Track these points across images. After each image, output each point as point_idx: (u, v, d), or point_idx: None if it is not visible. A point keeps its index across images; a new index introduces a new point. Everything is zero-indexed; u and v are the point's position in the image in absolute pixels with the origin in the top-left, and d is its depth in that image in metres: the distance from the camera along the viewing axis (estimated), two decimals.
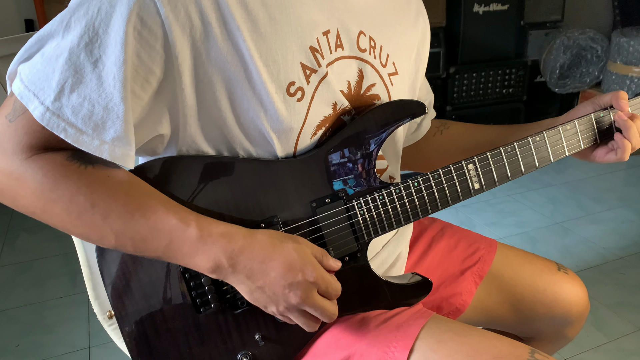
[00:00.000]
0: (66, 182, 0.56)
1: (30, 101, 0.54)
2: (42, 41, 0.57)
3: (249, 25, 0.58)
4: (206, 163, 0.63)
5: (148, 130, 0.61)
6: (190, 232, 0.58)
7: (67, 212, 0.57)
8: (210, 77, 0.59)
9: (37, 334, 1.62)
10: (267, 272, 0.59)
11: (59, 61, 0.54)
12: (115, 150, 0.56)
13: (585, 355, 1.48)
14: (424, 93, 0.89)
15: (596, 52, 2.88)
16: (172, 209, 0.59)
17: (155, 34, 0.55)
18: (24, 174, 0.56)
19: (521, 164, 0.73)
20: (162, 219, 0.58)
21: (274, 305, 0.60)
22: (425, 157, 0.92)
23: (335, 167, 0.67)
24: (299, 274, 0.59)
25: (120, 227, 0.57)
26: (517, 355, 0.61)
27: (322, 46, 0.64)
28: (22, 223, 2.28)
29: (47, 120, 0.54)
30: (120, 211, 0.57)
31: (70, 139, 0.55)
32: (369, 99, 0.71)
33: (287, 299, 0.59)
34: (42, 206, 0.57)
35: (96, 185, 0.57)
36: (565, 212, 2.28)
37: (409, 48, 0.77)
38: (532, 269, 0.88)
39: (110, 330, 0.86)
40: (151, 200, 0.59)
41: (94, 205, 0.56)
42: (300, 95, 0.63)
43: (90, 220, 0.57)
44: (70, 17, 0.55)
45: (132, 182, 0.60)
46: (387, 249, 0.77)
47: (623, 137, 0.74)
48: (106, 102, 0.55)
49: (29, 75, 0.55)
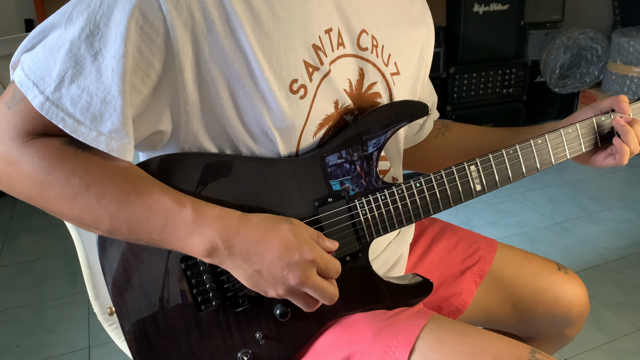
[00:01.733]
0: (62, 165, 0.56)
1: (30, 90, 0.55)
2: (45, 32, 0.57)
3: (251, 22, 0.59)
4: (209, 161, 0.63)
5: (148, 126, 0.61)
6: (186, 213, 0.58)
7: (62, 195, 0.57)
8: (213, 74, 0.59)
9: (37, 334, 1.62)
10: (264, 254, 0.58)
11: (60, 52, 0.55)
12: (111, 142, 0.56)
13: (585, 355, 1.48)
14: (427, 95, 0.89)
15: (596, 52, 2.89)
16: (168, 191, 0.59)
17: (157, 30, 0.56)
18: (19, 158, 0.56)
19: (523, 166, 0.73)
20: (158, 200, 0.58)
21: (273, 289, 0.60)
22: (426, 158, 0.92)
23: (337, 167, 0.67)
24: (296, 253, 0.58)
25: (115, 208, 0.57)
26: (517, 355, 0.61)
27: (324, 44, 0.65)
28: (22, 223, 2.28)
29: (46, 109, 0.55)
30: (115, 192, 0.57)
31: (68, 129, 0.55)
32: (370, 97, 0.71)
33: (286, 280, 0.59)
34: (38, 190, 0.57)
35: (92, 168, 0.57)
36: (565, 212, 2.28)
37: (412, 49, 0.77)
38: (532, 268, 0.88)
39: (110, 330, 0.86)
40: (147, 183, 0.59)
41: (89, 186, 0.56)
42: (303, 92, 0.63)
43: (85, 202, 0.57)
44: (73, 9, 0.56)
45: (129, 167, 0.59)
46: (388, 250, 0.77)
47: (622, 142, 0.74)
48: (104, 94, 0.55)
49: (30, 64, 0.56)
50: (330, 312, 0.69)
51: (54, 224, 2.20)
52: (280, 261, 0.58)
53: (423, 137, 0.91)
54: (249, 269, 0.59)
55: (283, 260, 0.58)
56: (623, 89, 2.81)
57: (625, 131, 0.74)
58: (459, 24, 2.69)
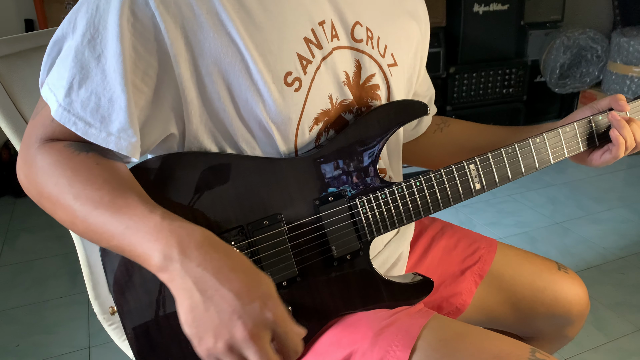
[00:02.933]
0: (56, 167, 0.58)
1: (50, 99, 0.59)
2: (59, 43, 0.60)
3: (242, 16, 0.60)
4: (209, 159, 0.63)
5: (158, 132, 0.62)
6: (151, 219, 0.53)
7: (51, 196, 0.58)
8: (208, 68, 0.60)
9: (37, 334, 1.62)
10: (222, 282, 0.50)
11: (68, 60, 0.58)
12: (120, 141, 0.58)
13: (585, 355, 1.48)
14: (425, 88, 0.90)
15: (596, 52, 2.89)
16: (144, 199, 0.56)
17: (148, 26, 0.57)
18: (34, 160, 0.59)
19: (522, 165, 0.74)
20: (129, 204, 0.55)
21: (211, 336, 0.50)
22: (423, 153, 0.92)
23: (338, 166, 0.67)
24: (258, 301, 0.50)
25: (87, 210, 0.55)
26: (518, 354, 0.61)
27: (318, 36, 0.65)
28: (22, 223, 2.28)
29: (59, 115, 0.58)
30: (91, 195, 0.56)
31: (80, 131, 0.58)
32: (369, 89, 0.72)
33: (232, 329, 0.49)
34: (39, 191, 0.59)
35: (80, 170, 0.57)
36: (565, 212, 2.28)
37: (408, 41, 0.77)
38: (532, 268, 0.88)
39: (111, 330, 0.86)
40: (127, 189, 0.57)
41: (71, 186, 0.57)
42: (297, 85, 0.64)
43: (65, 201, 0.57)
44: (76, 17, 0.59)
45: (117, 172, 0.59)
46: (388, 248, 0.77)
47: (618, 134, 0.75)
48: (110, 94, 0.57)
49: (51, 76, 0.60)
50: (331, 311, 0.69)
51: (54, 224, 2.19)
52: (236, 300, 0.49)
53: (421, 132, 0.91)
54: (196, 295, 0.50)
55: (240, 299, 0.49)
56: (623, 89, 2.81)
57: (621, 125, 0.75)
58: (459, 24, 2.69)
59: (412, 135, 0.91)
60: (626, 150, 0.76)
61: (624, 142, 0.75)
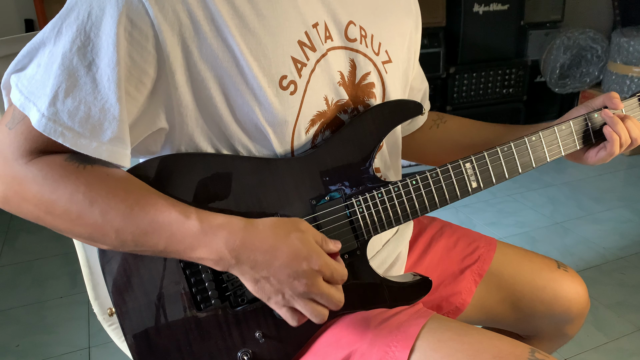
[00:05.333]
0: (65, 182, 0.56)
1: (28, 108, 0.56)
2: (35, 50, 0.58)
3: (236, 21, 0.59)
4: (205, 161, 0.63)
5: (142, 129, 0.61)
6: (191, 224, 0.58)
7: (67, 213, 0.57)
8: (204, 74, 0.60)
9: (37, 334, 1.62)
10: (272, 262, 0.58)
11: (53, 67, 0.55)
12: (112, 150, 0.57)
13: (585, 355, 1.48)
14: (418, 82, 0.90)
15: (596, 52, 2.89)
16: (171, 202, 0.59)
17: (146, 34, 0.56)
18: (25, 178, 0.56)
19: (518, 163, 0.74)
20: (162, 211, 0.58)
21: (279, 294, 0.59)
22: (420, 148, 0.92)
23: (334, 166, 0.67)
24: (304, 262, 0.58)
25: (119, 223, 0.57)
26: (517, 354, 0.60)
27: (312, 39, 0.65)
28: (22, 223, 2.28)
29: (43, 126, 0.55)
30: (119, 207, 0.57)
31: (68, 142, 0.56)
32: (365, 88, 0.72)
33: (294, 287, 0.59)
34: (45, 209, 0.57)
35: (95, 184, 0.57)
36: (565, 212, 2.28)
37: (401, 36, 0.78)
38: (532, 267, 0.88)
39: (110, 330, 0.86)
40: (150, 195, 0.59)
41: (92, 202, 0.56)
42: (293, 88, 0.64)
43: (90, 218, 0.57)
44: (62, 23, 0.56)
45: (131, 179, 0.60)
46: (387, 248, 0.77)
47: (611, 130, 0.76)
48: (102, 103, 0.56)
49: (26, 83, 0.57)
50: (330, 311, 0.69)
51: None
52: (288, 268, 0.58)
53: (417, 127, 0.92)
54: (257, 274, 0.59)
55: (291, 267, 0.58)
56: (623, 88, 2.81)
57: (615, 122, 0.76)
58: (459, 24, 2.69)
59: (408, 129, 0.92)
60: (621, 146, 0.76)
61: (618, 139, 0.75)
